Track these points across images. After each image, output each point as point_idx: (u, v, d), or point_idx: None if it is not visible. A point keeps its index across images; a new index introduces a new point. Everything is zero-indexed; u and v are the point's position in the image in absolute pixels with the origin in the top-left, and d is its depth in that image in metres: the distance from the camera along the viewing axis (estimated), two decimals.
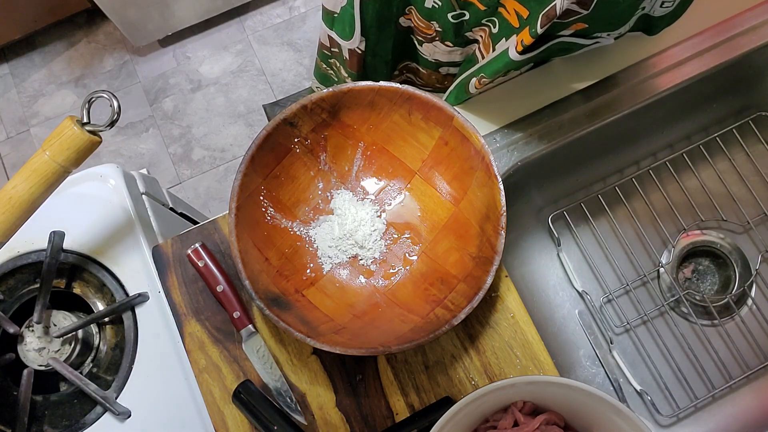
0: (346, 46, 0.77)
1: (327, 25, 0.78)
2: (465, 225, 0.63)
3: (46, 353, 0.63)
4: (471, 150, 0.61)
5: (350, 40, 0.75)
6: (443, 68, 0.78)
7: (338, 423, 0.62)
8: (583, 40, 0.62)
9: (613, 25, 0.62)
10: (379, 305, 0.63)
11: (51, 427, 0.65)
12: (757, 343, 0.76)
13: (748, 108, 0.80)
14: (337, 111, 0.63)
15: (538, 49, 0.60)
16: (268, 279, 0.60)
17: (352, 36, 0.74)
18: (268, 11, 1.68)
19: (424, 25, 0.69)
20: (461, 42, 0.70)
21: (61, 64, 1.67)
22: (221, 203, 1.56)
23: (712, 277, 0.80)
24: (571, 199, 0.79)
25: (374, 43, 0.75)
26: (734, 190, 0.78)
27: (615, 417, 0.53)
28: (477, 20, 0.64)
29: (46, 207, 0.56)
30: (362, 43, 0.74)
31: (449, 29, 0.67)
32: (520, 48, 0.57)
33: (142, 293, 0.66)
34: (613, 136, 0.74)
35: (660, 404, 0.74)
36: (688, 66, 0.70)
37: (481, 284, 0.57)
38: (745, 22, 0.72)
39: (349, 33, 0.74)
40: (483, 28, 0.65)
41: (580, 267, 0.79)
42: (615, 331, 0.77)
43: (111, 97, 0.54)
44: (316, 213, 0.66)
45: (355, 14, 0.71)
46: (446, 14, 0.65)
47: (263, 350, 0.63)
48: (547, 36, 0.59)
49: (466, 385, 0.63)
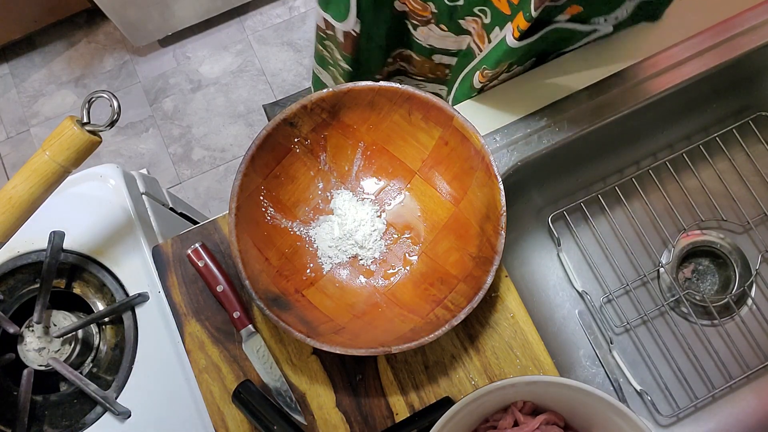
0: (341, 29, 0.77)
1: (322, 7, 0.77)
2: (465, 225, 0.63)
3: (46, 353, 0.63)
4: (471, 150, 0.61)
5: (345, 22, 0.75)
6: (436, 55, 0.78)
7: (338, 423, 0.62)
8: (581, 26, 0.63)
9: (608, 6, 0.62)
10: (379, 305, 0.63)
11: (51, 427, 0.65)
12: (757, 343, 0.76)
13: (748, 108, 0.80)
14: (337, 111, 0.63)
15: (535, 35, 0.60)
16: (268, 279, 0.60)
17: (347, 17, 0.74)
18: (268, 11, 1.69)
19: (420, 7, 0.70)
20: (455, 28, 0.70)
21: (61, 64, 1.67)
22: (221, 203, 1.56)
23: (712, 277, 0.80)
24: (571, 199, 0.79)
25: (369, 26, 0.75)
26: (734, 190, 0.78)
27: (615, 417, 0.53)
28: (470, 7, 0.65)
29: (46, 207, 0.56)
30: (357, 25, 0.74)
31: (444, 11, 0.68)
32: (517, 34, 0.57)
33: (142, 293, 0.66)
34: (613, 136, 0.74)
35: (660, 404, 0.74)
36: (688, 66, 0.70)
37: (481, 284, 0.57)
38: (745, 22, 0.72)
39: (344, 14, 0.74)
40: (475, 18, 0.66)
41: (580, 267, 0.79)
42: (615, 331, 0.77)
43: (111, 97, 0.54)
44: (316, 213, 0.66)
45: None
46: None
47: (263, 350, 0.64)
48: (543, 22, 0.60)
49: (466, 385, 0.63)
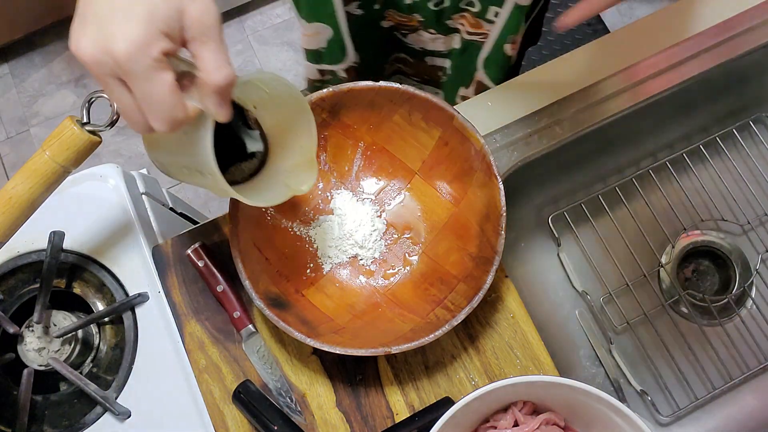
0: (341, 68, 0.77)
1: (314, 62, 0.78)
2: (465, 225, 0.63)
3: (46, 353, 0.63)
4: (471, 150, 0.61)
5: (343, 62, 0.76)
6: (428, 57, 0.79)
7: (338, 423, 0.62)
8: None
9: None
10: (379, 305, 0.63)
11: (51, 427, 0.65)
12: (757, 343, 0.76)
13: (748, 108, 0.80)
14: (337, 111, 0.63)
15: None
16: (268, 279, 0.60)
17: (345, 57, 0.75)
18: (268, 11, 1.68)
19: (406, 19, 0.70)
20: (443, 30, 0.72)
21: (61, 64, 1.67)
22: (221, 203, 1.56)
23: (712, 277, 0.80)
24: (571, 199, 0.79)
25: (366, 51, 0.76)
26: (734, 191, 0.78)
27: (615, 417, 0.53)
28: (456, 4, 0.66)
29: (46, 207, 0.56)
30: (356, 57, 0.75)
31: (431, 17, 0.69)
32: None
33: (142, 293, 0.66)
34: (613, 136, 0.74)
35: (660, 404, 0.74)
36: (688, 66, 0.70)
37: (481, 284, 0.57)
38: (745, 22, 0.72)
39: (341, 56, 0.75)
40: (462, 14, 0.67)
41: (580, 267, 0.79)
42: (615, 331, 0.77)
43: None
44: (316, 213, 0.66)
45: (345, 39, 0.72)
46: (427, 5, 0.67)
47: (263, 350, 0.64)
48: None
49: (466, 385, 0.63)
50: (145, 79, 0.36)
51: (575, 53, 0.71)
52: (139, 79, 0.36)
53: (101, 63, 0.35)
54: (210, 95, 0.38)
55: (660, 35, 0.71)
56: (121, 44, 0.34)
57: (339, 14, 0.69)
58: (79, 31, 0.36)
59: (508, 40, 0.69)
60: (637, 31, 0.72)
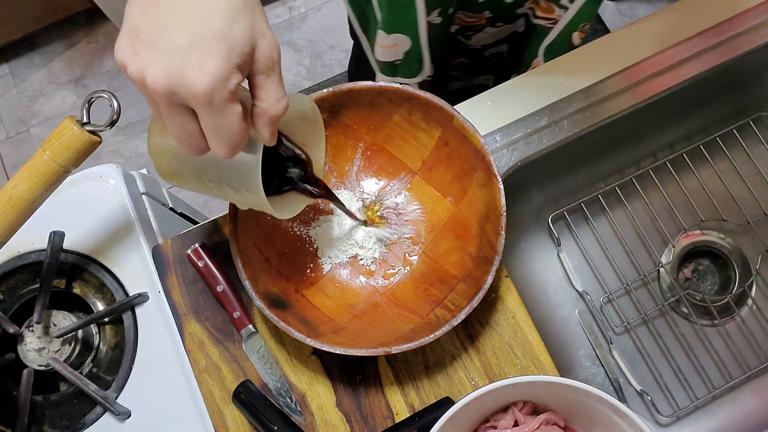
0: (415, 81, 0.76)
1: (389, 75, 0.76)
2: (465, 225, 0.63)
3: (46, 353, 0.63)
4: (471, 150, 0.61)
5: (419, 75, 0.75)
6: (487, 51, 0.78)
7: (338, 423, 0.62)
8: None
9: None
10: (379, 305, 0.63)
11: (51, 427, 0.65)
12: (757, 343, 0.76)
13: (748, 108, 0.80)
14: (337, 111, 0.63)
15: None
16: (268, 279, 0.60)
17: (421, 71, 0.74)
18: (267, 11, 1.68)
19: (475, 19, 0.69)
20: (510, 19, 0.71)
21: (61, 64, 1.67)
22: (221, 203, 1.56)
23: (712, 277, 0.80)
24: (571, 199, 0.79)
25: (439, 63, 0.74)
26: (734, 190, 0.78)
27: (615, 417, 0.53)
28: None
29: (46, 207, 0.56)
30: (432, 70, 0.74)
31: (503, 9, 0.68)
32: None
33: (142, 293, 0.66)
34: (613, 136, 0.74)
35: (660, 404, 0.74)
36: (688, 66, 0.70)
37: (481, 284, 0.57)
38: (745, 22, 0.72)
39: (418, 69, 0.74)
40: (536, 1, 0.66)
41: (580, 267, 0.79)
42: (615, 331, 0.77)
43: (111, 97, 0.54)
44: (316, 213, 0.66)
45: (423, 51, 0.70)
46: None
47: (263, 350, 0.64)
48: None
49: (466, 385, 0.63)
50: (219, 111, 0.37)
51: (575, 53, 0.71)
52: (215, 110, 0.37)
53: (173, 94, 0.36)
54: (267, 124, 0.40)
55: (660, 35, 0.71)
56: (201, 78, 0.35)
57: (420, 24, 0.66)
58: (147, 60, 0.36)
59: (579, 28, 0.67)
60: (637, 31, 0.72)
